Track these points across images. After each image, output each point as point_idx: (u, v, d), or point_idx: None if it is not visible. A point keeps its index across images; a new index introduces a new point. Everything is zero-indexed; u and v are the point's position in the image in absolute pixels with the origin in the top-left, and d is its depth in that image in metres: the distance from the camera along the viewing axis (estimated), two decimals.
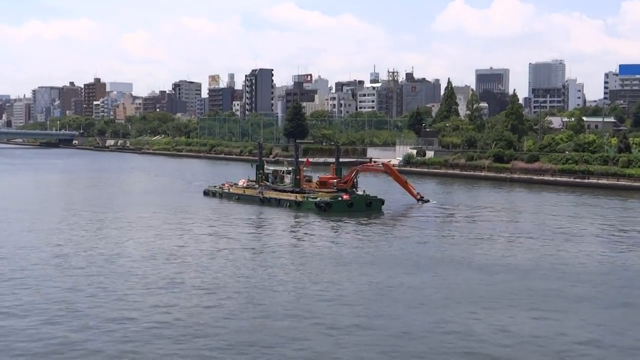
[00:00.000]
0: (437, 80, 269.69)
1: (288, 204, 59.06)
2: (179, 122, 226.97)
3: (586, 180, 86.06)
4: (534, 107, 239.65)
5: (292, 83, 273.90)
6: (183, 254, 36.70)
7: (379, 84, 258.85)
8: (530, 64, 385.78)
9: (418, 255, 37.32)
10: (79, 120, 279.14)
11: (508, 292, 29.13)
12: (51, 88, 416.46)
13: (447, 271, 33.35)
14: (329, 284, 30.22)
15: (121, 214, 54.11)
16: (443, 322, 24.53)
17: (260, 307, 26.41)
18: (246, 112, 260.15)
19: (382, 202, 58.81)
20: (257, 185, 66.97)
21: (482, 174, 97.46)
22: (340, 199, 57.16)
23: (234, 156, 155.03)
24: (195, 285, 29.70)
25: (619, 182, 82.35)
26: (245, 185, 68.68)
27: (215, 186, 71.28)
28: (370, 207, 57.19)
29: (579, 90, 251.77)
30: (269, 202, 61.33)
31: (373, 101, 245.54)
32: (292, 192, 61.40)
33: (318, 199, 57.57)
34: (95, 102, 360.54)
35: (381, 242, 41.82)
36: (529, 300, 27.89)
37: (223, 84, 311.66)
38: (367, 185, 66.21)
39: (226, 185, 70.38)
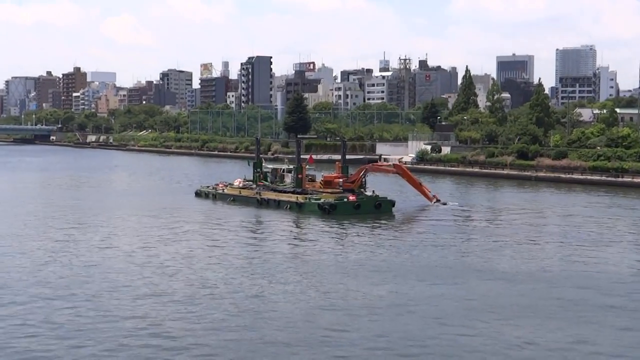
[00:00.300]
0: (454, 69, 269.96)
1: (288, 205, 59.14)
2: (168, 116, 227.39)
3: (620, 179, 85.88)
4: (562, 97, 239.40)
5: (293, 72, 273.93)
6: (172, 263, 36.68)
7: (389, 73, 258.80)
8: (557, 49, 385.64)
9: (434, 263, 37.29)
10: (57, 113, 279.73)
11: (534, 303, 29.05)
12: (26, 78, 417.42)
13: (467, 280, 33.27)
14: (334, 295, 30.20)
15: (103, 218, 54.17)
16: (463, 338, 24.45)
17: (259, 321, 26.38)
18: (242, 104, 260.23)
19: (392, 203, 58.84)
20: (254, 186, 67.06)
21: (504, 172, 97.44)
22: (345, 200, 57.19)
23: (229, 153, 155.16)
24: (186, 298, 29.65)
25: None
26: (241, 185, 68.78)
27: (208, 186, 71.39)
28: (379, 209, 57.25)
29: (612, 79, 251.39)
30: (268, 203, 61.41)
31: (383, 92, 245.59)
32: (293, 192, 61.48)
33: (322, 200, 57.65)
34: (74, 94, 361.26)
35: (392, 248, 41.78)
36: (558, 312, 27.81)
37: (216, 73, 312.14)
38: (377, 184, 66.21)
39: (220, 185, 70.49)
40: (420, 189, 64.31)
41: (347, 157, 70.95)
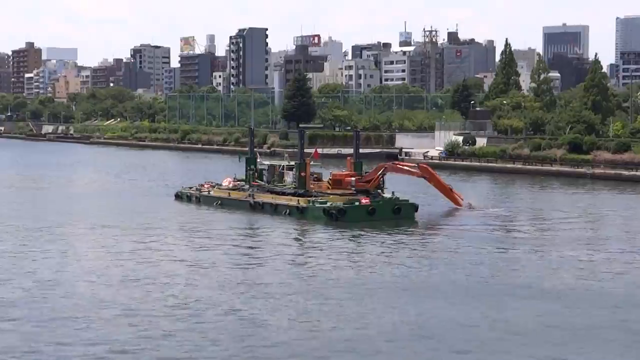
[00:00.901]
0: (491, 42, 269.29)
1: (287, 210, 59.31)
2: (141, 101, 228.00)
3: None
4: (623, 77, 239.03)
5: (294, 47, 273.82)
6: (144, 282, 36.57)
7: (411, 48, 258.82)
8: (617, 18, 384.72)
9: (466, 280, 37.20)
10: (6, 99, 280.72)
11: (593, 329, 28.90)
12: None
13: (507, 301, 33.14)
14: (346, 320, 30.11)
15: (63, 226, 54.19)
16: None
17: (255, 351, 26.24)
18: (231, 86, 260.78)
19: (414, 207, 58.99)
20: (247, 186, 67.17)
21: (554, 168, 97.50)
22: (357, 203, 57.25)
23: (216, 147, 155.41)
24: (165, 324, 29.60)
25: None
26: (231, 185, 68.92)
27: (191, 187, 71.59)
28: (398, 215, 57.39)
29: None
30: (263, 208, 61.58)
31: (404, 70, 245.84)
32: (293, 194, 61.56)
33: (328, 203, 57.78)
34: (27, 75, 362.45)
35: (414, 262, 41.75)
36: (624, 340, 27.66)
37: (200, 48, 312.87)
38: (397, 184, 66.22)
39: (206, 185, 70.74)
40: (450, 195, 64.22)
41: (361, 150, 70.59)
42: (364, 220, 55.67)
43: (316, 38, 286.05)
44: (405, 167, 66.14)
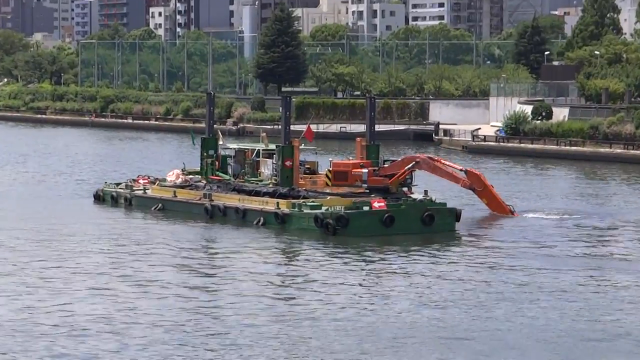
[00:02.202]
0: None
1: (261, 219, 59.38)
2: (39, 53, 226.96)
3: None
4: None
5: None
6: (43, 338, 36.58)
7: None
8: None
9: (547, 328, 37.44)
10: None
11: None
12: None
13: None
14: None
15: None
16: None
17: None
18: (178, 29, 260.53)
19: (455, 214, 59.27)
20: (202, 183, 67.30)
21: None
22: (366, 208, 57.34)
23: (154, 122, 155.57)
24: None
25: None
26: (180, 181, 69.06)
27: (118, 184, 71.73)
28: (430, 225, 57.57)
29: None
30: (224, 214, 61.70)
31: (442, 4, 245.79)
32: (272, 194, 61.59)
33: (323, 208, 57.76)
34: None
35: (461, 299, 41.84)
36: None
37: None
38: (429, 180, 66.22)
39: (141, 181, 70.93)
40: (503, 210, 64.15)
41: (377, 128, 70.45)
42: (377, 233, 55.92)
43: None
44: (449, 168, 65.53)
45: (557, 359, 33.90)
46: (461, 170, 65.13)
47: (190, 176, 69.60)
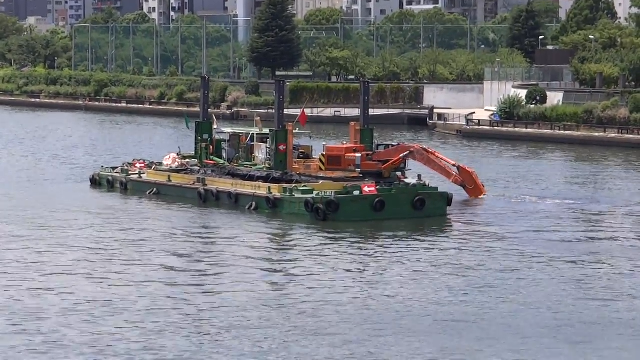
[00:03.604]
0: None
1: (253, 203, 59.49)
2: (33, 37, 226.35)
3: None
4: None
5: None
6: (36, 325, 36.60)
7: None
8: None
9: (550, 314, 37.52)
10: None
11: None
12: None
13: (605, 343, 33.76)
14: None
15: None
16: None
17: None
18: (172, 13, 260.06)
19: (446, 198, 59.35)
20: (197, 167, 67.44)
21: None
22: (357, 193, 57.31)
23: (148, 106, 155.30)
24: None
25: None
26: (176, 165, 69.14)
27: (114, 168, 71.86)
28: (421, 210, 57.63)
29: None
30: (217, 199, 61.83)
31: None
32: (265, 179, 61.71)
33: (314, 193, 57.80)
34: None
35: (459, 285, 41.90)
36: None
37: None
38: (422, 165, 66.35)
39: (137, 165, 70.99)
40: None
41: (371, 112, 70.33)
42: (367, 218, 56.04)
43: None
44: (442, 162, 65.44)
45: (558, 343, 34.00)
46: (454, 165, 65.14)
47: (187, 160, 69.70)
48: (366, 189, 57.32)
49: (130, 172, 69.48)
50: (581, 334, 35.12)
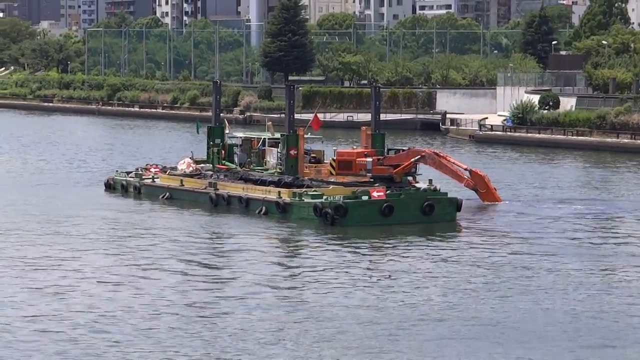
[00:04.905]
0: None
1: (263, 208, 59.66)
2: (46, 41, 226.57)
3: None
4: None
5: None
6: (45, 328, 36.67)
7: None
8: None
9: (569, 318, 37.51)
10: None
11: None
12: None
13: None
14: None
15: None
16: None
17: None
18: (184, 18, 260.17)
19: (455, 204, 59.27)
20: (209, 171, 67.63)
21: None
22: (365, 198, 57.33)
23: (161, 110, 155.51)
24: None
25: None
26: (190, 170, 69.33)
27: (128, 173, 72.14)
28: (430, 215, 57.64)
29: None
30: (228, 203, 62.04)
31: None
32: (276, 184, 61.78)
33: (324, 198, 57.86)
34: None
35: (473, 289, 41.90)
36: None
37: None
38: (433, 170, 66.32)
39: (151, 170, 71.19)
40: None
41: (383, 117, 70.54)
42: (376, 223, 56.04)
43: None
44: (454, 166, 65.33)
45: (579, 348, 34.06)
46: (466, 169, 65.01)
47: (201, 165, 69.86)
48: (375, 193, 57.36)
49: (144, 177, 69.71)
50: (602, 338, 35.15)
